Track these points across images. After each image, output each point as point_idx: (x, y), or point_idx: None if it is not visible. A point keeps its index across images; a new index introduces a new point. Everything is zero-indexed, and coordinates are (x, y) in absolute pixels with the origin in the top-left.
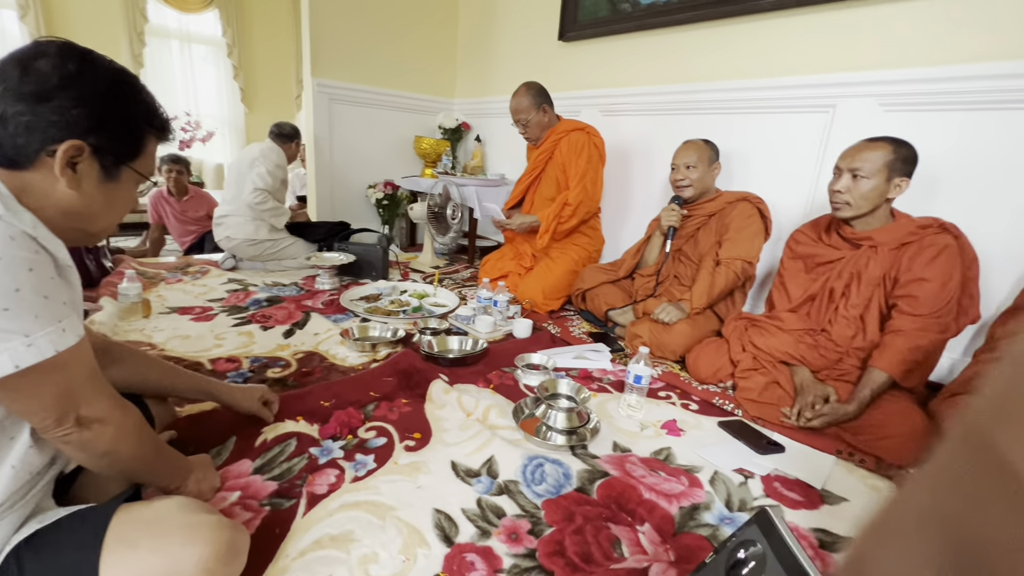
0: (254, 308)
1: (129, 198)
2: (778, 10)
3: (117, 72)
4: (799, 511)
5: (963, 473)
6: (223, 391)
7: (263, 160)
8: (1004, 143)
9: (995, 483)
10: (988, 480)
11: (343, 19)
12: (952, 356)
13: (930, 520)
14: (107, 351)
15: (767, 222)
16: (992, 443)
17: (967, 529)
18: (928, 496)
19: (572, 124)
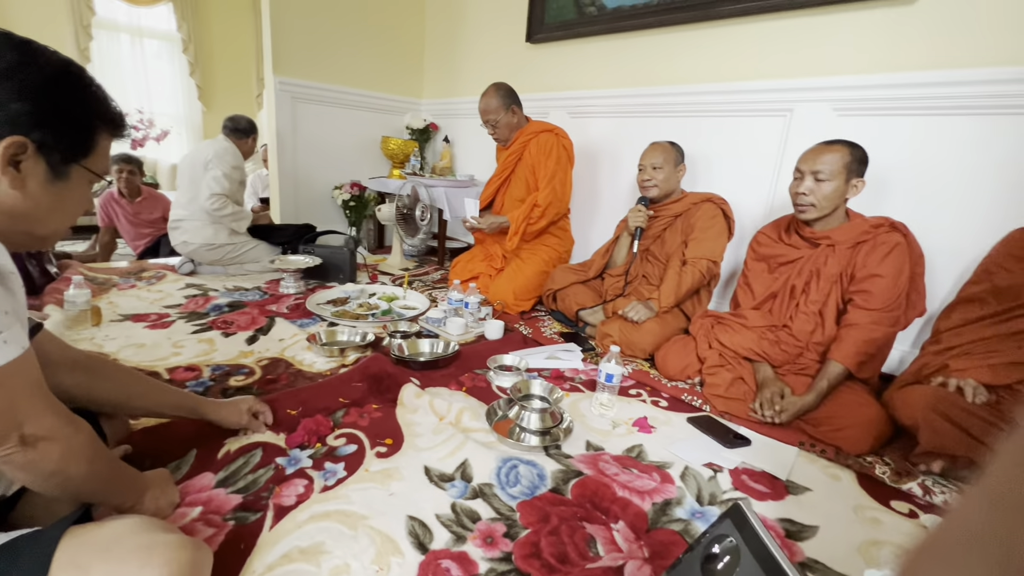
0: (215, 314)
1: (81, 199)
2: (737, 16)
3: (63, 63)
4: (766, 502)
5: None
6: (209, 408)
7: (218, 162)
8: (948, 147)
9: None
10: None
11: (306, 16)
12: (902, 348)
13: (984, 541)
14: (89, 368)
15: (730, 222)
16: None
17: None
18: (983, 516)
19: (541, 126)
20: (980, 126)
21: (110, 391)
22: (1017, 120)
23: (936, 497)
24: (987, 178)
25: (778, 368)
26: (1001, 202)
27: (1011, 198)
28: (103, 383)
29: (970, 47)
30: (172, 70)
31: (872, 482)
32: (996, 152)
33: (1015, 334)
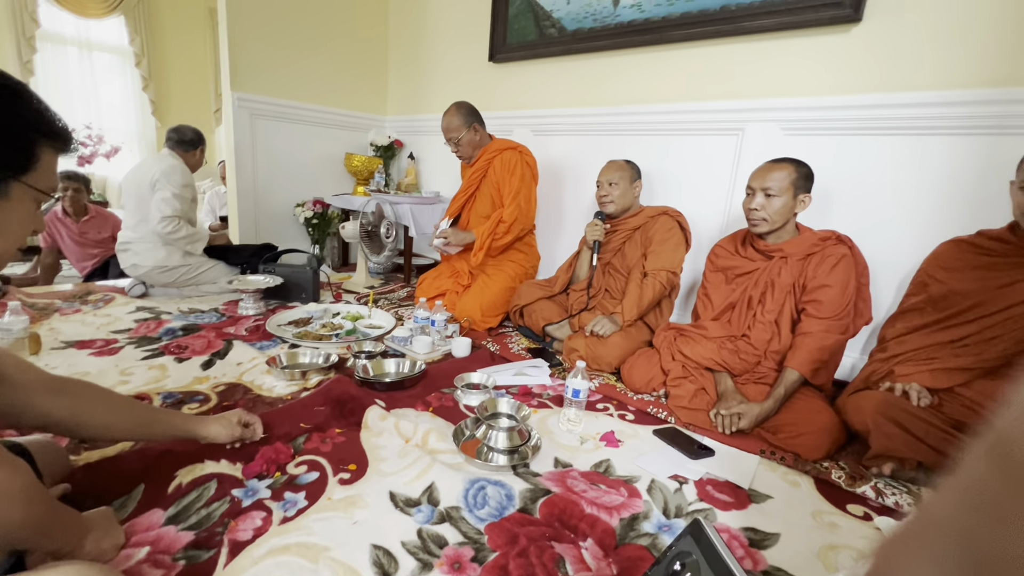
0: (167, 338)
1: (25, 218)
2: (689, 41)
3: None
4: (730, 512)
5: (985, 487)
6: (198, 425)
7: (167, 182)
8: (886, 164)
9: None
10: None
11: (265, 31)
12: (852, 356)
13: (949, 534)
14: (74, 392)
15: (687, 234)
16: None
17: (986, 544)
18: (948, 510)
19: (504, 143)
20: (915, 145)
21: (99, 415)
22: (947, 140)
23: (888, 499)
24: (922, 193)
25: (738, 377)
26: (934, 216)
27: (943, 212)
28: (90, 406)
29: (902, 73)
30: (124, 84)
31: (829, 487)
32: (929, 169)
33: (952, 342)
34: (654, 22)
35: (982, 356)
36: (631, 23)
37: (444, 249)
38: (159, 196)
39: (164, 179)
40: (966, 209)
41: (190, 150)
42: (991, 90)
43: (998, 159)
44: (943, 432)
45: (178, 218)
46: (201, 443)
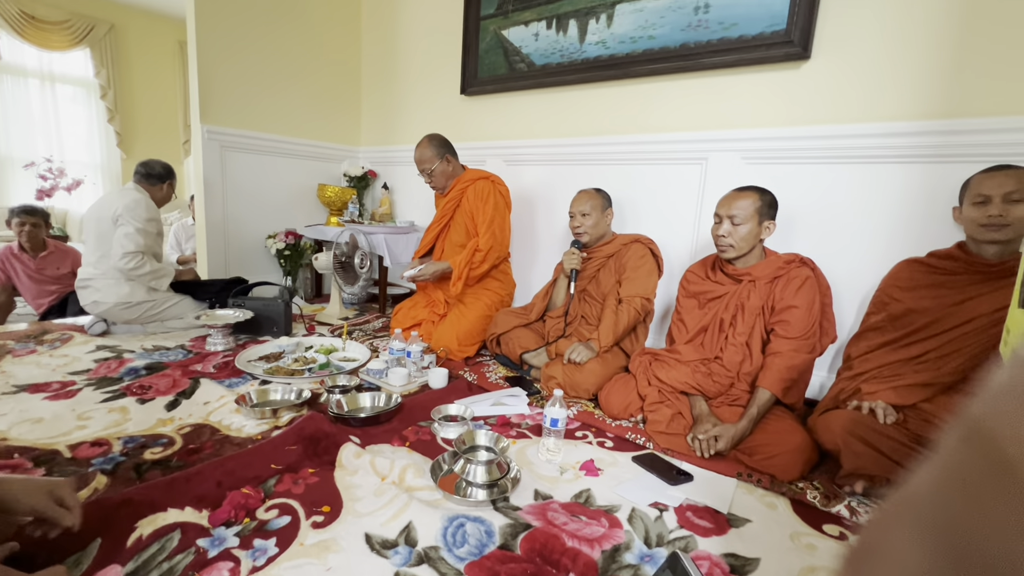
0: (129, 378)
1: None
2: (652, 76)
3: None
4: (710, 538)
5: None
6: None
7: (130, 216)
8: (843, 191)
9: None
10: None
11: (236, 64)
12: (821, 374)
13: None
14: None
15: (659, 260)
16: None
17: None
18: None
19: (477, 173)
20: (866, 173)
21: None
22: (894, 167)
23: (861, 517)
24: (875, 217)
25: (712, 400)
26: (887, 238)
27: (895, 234)
28: None
29: (850, 106)
30: (88, 116)
31: (805, 507)
32: (881, 195)
33: (912, 359)
34: (619, 58)
35: (940, 372)
36: (597, 59)
37: (416, 277)
38: (121, 231)
39: (127, 214)
40: (914, 231)
41: (156, 184)
42: (928, 122)
43: (939, 184)
44: (908, 448)
45: (141, 253)
46: (164, 490)
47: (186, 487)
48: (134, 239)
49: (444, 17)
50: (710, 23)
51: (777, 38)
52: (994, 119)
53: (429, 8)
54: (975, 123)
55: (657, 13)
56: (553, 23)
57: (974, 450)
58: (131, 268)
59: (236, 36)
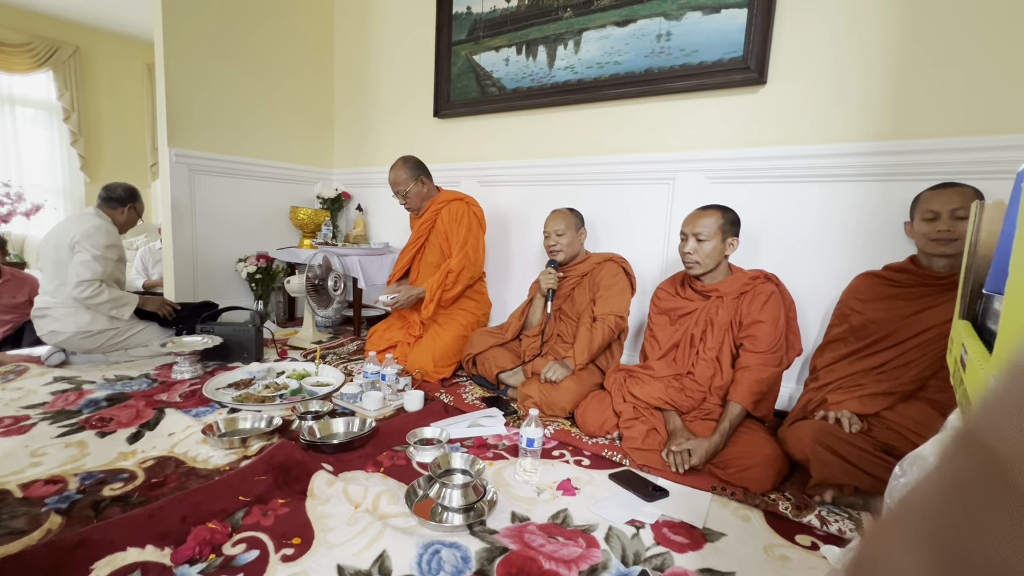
0: (89, 411)
1: None
2: (618, 99)
3: None
4: (686, 554)
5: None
6: None
7: (88, 243)
8: (802, 208)
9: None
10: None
11: (205, 86)
12: (789, 386)
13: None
14: None
15: (631, 279)
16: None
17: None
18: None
19: (452, 195)
20: (822, 191)
21: None
22: (848, 186)
23: (832, 526)
24: (832, 233)
25: (685, 415)
26: (844, 252)
27: (855, 249)
28: None
29: (805, 128)
30: (50, 139)
31: (778, 519)
32: (837, 212)
33: (874, 368)
34: (587, 82)
35: (900, 380)
36: (566, 83)
37: (392, 305)
38: (78, 259)
39: (85, 240)
40: (868, 245)
41: (117, 207)
42: (877, 143)
43: (889, 201)
44: (873, 456)
45: (99, 281)
46: (123, 528)
47: (147, 524)
48: (91, 267)
49: (417, 42)
50: (672, 50)
51: (735, 64)
52: (937, 140)
53: (402, 33)
54: (919, 144)
55: (622, 40)
56: (523, 49)
57: (971, 460)
58: (86, 297)
59: (205, 58)
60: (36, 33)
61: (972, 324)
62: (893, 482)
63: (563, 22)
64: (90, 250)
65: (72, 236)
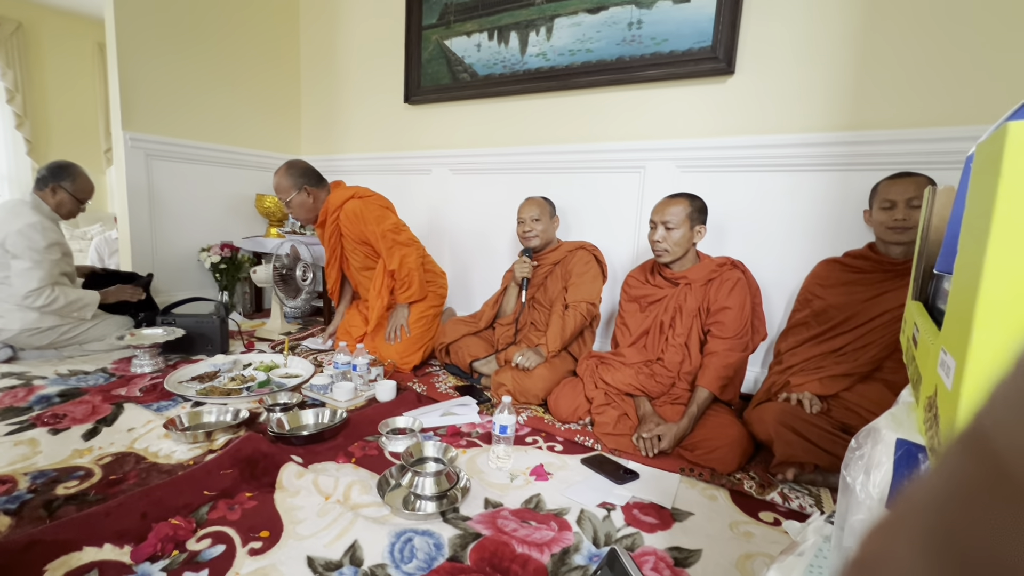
0: (40, 407)
1: None
2: (590, 87)
3: None
4: (655, 534)
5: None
6: None
7: (25, 248)
8: (767, 197)
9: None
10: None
11: (162, 67)
12: (754, 370)
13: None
14: None
15: (603, 266)
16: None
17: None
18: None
19: (341, 196)
20: (786, 180)
21: None
22: (811, 175)
23: (793, 503)
24: (796, 221)
25: (656, 400)
26: (807, 240)
27: (817, 237)
28: None
29: (771, 118)
30: None
31: (743, 497)
32: (801, 200)
33: (834, 351)
34: (559, 70)
35: (858, 362)
36: (538, 70)
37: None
38: (19, 266)
39: (20, 243)
40: (830, 233)
41: (43, 188)
42: (837, 133)
43: (849, 190)
44: (832, 435)
45: (49, 287)
46: (78, 527)
47: (105, 522)
48: (34, 275)
49: (386, 25)
50: (643, 38)
51: (704, 54)
52: (895, 131)
53: (370, 15)
54: (878, 135)
55: (594, 27)
56: (495, 35)
57: (975, 458)
58: (42, 305)
59: (161, 37)
60: None
61: (924, 305)
62: (849, 455)
63: (535, 8)
64: (29, 255)
65: (3, 236)
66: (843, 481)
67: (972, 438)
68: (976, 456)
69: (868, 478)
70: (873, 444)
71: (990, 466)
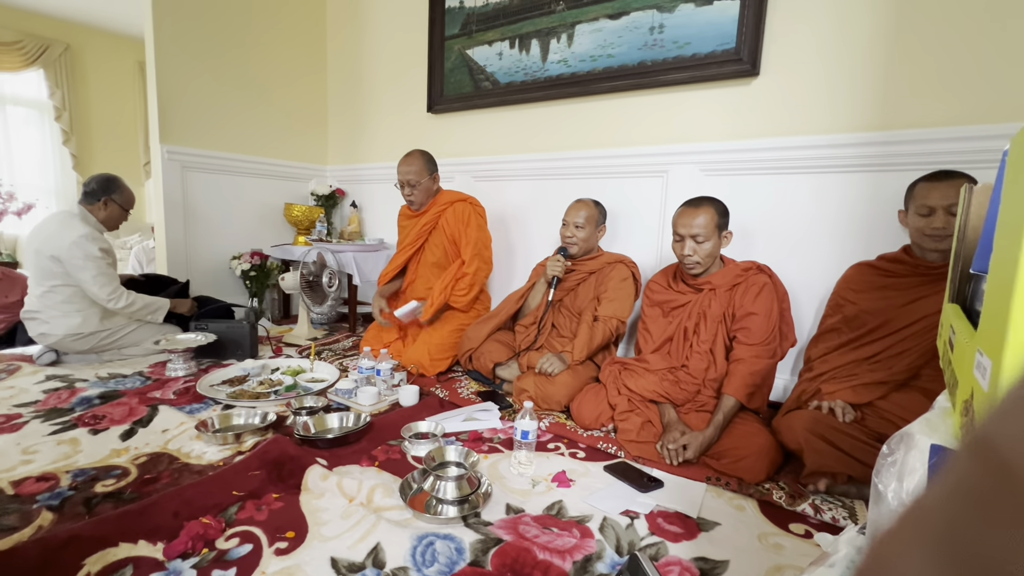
0: (81, 408)
1: None
2: (612, 92)
3: None
4: (680, 543)
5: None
6: None
7: (79, 253)
8: (793, 200)
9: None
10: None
11: (197, 83)
12: (783, 377)
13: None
14: None
15: (638, 284)
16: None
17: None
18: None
19: (455, 195)
20: (813, 182)
21: None
22: (839, 176)
23: (825, 515)
24: (824, 224)
25: (680, 407)
26: (840, 243)
27: (847, 239)
28: None
29: (797, 119)
30: (42, 138)
31: (772, 508)
32: (828, 203)
33: (867, 358)
34: (580, 76)
35: (893, 370)
36: (559, 77)
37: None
38: (86, 276)
39: (78, 255)
40: (861, 235)
41: (95, 202)
42: (866, 134)
43: (881, 191)
44: (867, 445)
45: (121, 289)
46: (115, 523)
47: (139, 519)
48: (104, 279)
49: (410, 37)
50: (665, 42)
51: (728, 56)
52: (927, 130)
53: (395, 28)
54: (909, 134)
55: (615, 33)
56: (516, 43)
57: (980, 464)
58: (124, 306)
59: (196, 55)
60: (26, 31)
61: (961, 307)
62: (881, 461)
63: (556, 15)
64: (94, 264)
65: (56, 248)
66: (875, 488)
67: (980, 445)
68: (984, 463)
69: (901, 485)
70: (906, 450)
71: (997, 473)
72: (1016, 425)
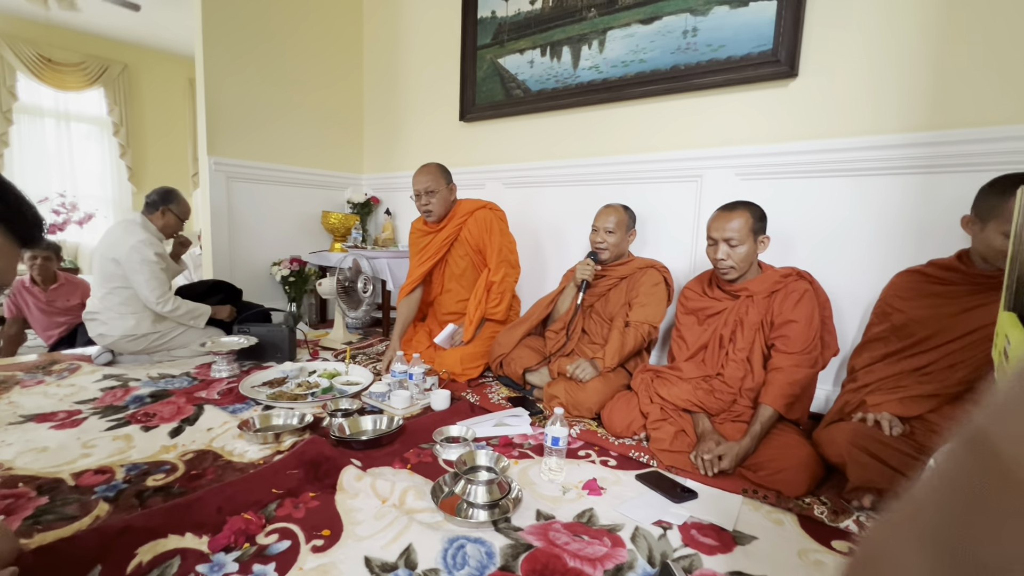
0: (135, 406)
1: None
2: (645, 97)
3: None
4: (716, 556)
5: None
6: None
7: (136, 256)
8: (833, 204)
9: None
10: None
11: (242, 97)
12: (826, 388)
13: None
14: None
15: (670, 290)
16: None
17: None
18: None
19: (474, 203)
20: (855, 185)
21: None
22: (883, 179)
23: None
24: (867, 229)
25: (715, 417)
26: (886, 248)
27: (889, 245)
28: None
29: (837, 121)
30: (101, 152)
31: (813, 523)
32: (871, 206)
33: (916, 369)
34: (612, 81)
35: (945, 383)
36: (591, 83)
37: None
38: (140, 279)
39: (136, 258)
40: (910, 241)
41: (154, 212)
42: (915, 134)
43: (931, 194)
44: (915, 460)
45: (171, 294)
46: (164, 516)
47: (186, 513)
48: (155, 284)
49: (442, 47)
50: (699, 45)
51: (764, 58)
52: (984, 129)
53: (428, 39)
54: (964, 133)
55: (647, 38)
56: (547, 50)
57: (975, 459)
58: (170, 310)
59: (242, 72)
60: (89, 52)
61: (1018, 316)
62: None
63: (587, 22)
64: (148, 267)
65: (117, 252)
66: None
67: (973, 440)
68: (977, 457)
69: None
70: None
71: (990, 466)
72: (1014, 424)
